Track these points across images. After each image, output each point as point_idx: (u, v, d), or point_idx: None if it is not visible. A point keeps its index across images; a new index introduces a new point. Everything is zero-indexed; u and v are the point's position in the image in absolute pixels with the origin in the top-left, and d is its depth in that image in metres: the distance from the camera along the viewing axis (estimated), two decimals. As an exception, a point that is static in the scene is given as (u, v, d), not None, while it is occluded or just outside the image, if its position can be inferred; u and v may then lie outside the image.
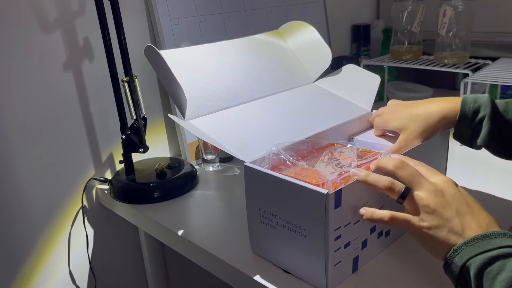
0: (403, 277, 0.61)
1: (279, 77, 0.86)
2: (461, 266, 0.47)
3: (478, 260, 0.45)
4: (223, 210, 0.84)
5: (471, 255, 0.46)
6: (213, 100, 0.75)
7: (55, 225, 0.91)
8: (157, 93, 1.04)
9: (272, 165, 0.64)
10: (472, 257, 0.46)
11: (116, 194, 0.90)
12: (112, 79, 0.84)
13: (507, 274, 0.43)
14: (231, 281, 0.68)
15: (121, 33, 0.83)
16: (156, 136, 1.05)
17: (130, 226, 1.02)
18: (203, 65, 0.79)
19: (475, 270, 0.45)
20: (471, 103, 0.65)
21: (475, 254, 0.46)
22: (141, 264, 1.07)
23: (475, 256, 0.45)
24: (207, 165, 1.01)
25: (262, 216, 0.63)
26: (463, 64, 1.24)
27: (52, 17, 0.84)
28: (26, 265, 0.88)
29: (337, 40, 1.51)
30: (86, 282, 0.98)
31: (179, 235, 0.75)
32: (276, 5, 1.20)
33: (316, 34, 0.91)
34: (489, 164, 0.94)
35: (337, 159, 0.67)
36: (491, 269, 0.44)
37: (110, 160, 0.97)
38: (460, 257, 0.47)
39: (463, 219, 0.49)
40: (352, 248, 0.60)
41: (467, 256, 0.46)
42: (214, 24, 1.06)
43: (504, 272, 0.43)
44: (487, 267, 0.45)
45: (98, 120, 0.94)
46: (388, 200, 0.64)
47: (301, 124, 0.75)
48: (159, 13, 0.96)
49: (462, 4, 1.19)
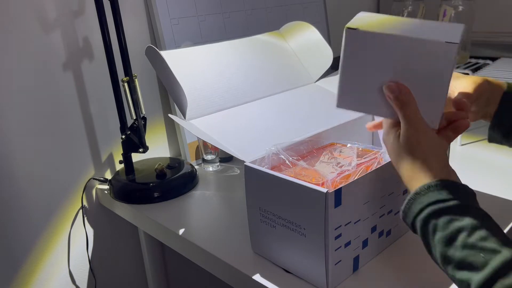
0: (403, 277, 0.61)
1: (280, 77, 0.86)
2: (411, 225, 0.50)
3: (418, 221, 0.47)
4: (223, 210, 0.84)
5: (413, 217, 0.48)
6: (214, 100, 0.75)
7: (55, 225, 0.91)
8: (157, 93, 1.04)
9: (272, 165, 0.64)
10: (414, 219, 0.48)
11: (116, 194, 0.90)
12: (112, 79, 0.84)
13: (440, 234, 0.45)
14: (231, 281, 0.68)
15: (121, 33, 0.83)
16: (156, 136, 1.05)
17: (130, 226, 1.02)
18: (204, 65, 0.79)
19: (419, 230, 0.48)
20: None
21: (415, 215, 0.48)
22: (141, 264, 1.07)
23: (416, 218, 0.48)
24: (207, 165, 1.01)
25: (262, 216, 0.63)
26: (463, 64, 1.24)
27: (52, 17, 0.84)
28: (26, 265, 0.88)
29: (337, 40, 1.51)
30: (86, 282, 0.98)
31: (179, 235, 0.75)
32: (276, 5, 1.20)
33: (317, 35, 0.91)
34: (489, 164, 0.94)
35: (337, 159, 0.67)
36: (428, 230, 0.46)
37: (110, 160, 0.97)
38: (408, 219, 0.50)
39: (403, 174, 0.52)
40: (353, 247, 0.60)
41: (411, 217, 0.49)
42: (214, 24, 1.06)
43: (438, 232, 0.45)
44: (425, 227, 0.47)
45: (98, 120, 0.94)
46: (389, 199, 0.64)
47: (301, 124, 0.75)
48: (159, 13, 0.96)
49: (462, 4, 1.19)
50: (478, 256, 0.42)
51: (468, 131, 1.07)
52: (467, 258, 0.42)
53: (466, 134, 1.15)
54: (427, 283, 0.60)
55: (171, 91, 0.74)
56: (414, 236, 0.70)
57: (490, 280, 0.40)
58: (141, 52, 0.80)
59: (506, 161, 0.94)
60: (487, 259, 0.41)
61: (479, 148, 0.99)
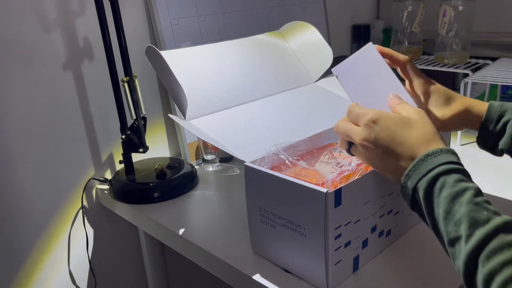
0: (403, 277, 0.61)
1: (281, 77, 0.86)
2: (412, 189, 0.49)
3: (424, 182, 0.47)
4: (223, 210, 0.84)
5: (418, 178, 0.48)
6: (214, 100, 0.75)
7: (55, 225, 0.91)
8: (157, 93, 1.04)
9: (272, 165, 0.64)
10: (419, 180, 0.47)
11: (116, 194, 0.90)
12: (112, 79, 0.84)
13: (448, 190, 0.45)
14: (231, 281, 0.68)
15: (121, 33, 0.83)
16: (156, 136, 1.05)
17: (130, 226, 1.02)
18: (204, 65, 0.79)
19: (422, 192, 0.47)
20: (498, 106, 0.64)
21: (421, 177, 0.47)
22: (141, 264, 1.07)
23: (422, 179, 0.47)
24: (207, 165, 1.01)
25: (262, 216, 0.63)
26: (463, 64, 1.24)
27: (52, 17, 0.84)
28: (26, 265, 0.88)
29: (337, 40, 1.51)
30: (86, 282, 0.98)
31: (179, 235, 0.75)
32: (276, 5, 1.20)
33: (317, 35, 0.91)
34: (489, 164, 0.94)
35: (337, 159, 0.67)
36: (433, 189, 0.46)
37: (110, 160, 0.97)
38: (411, 182, 0.49)
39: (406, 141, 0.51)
40: (353, 247, 0.60)
41: (415, 179, 0.48)
42: (214, 24, 1.06)
43: (445, 189, 0.45)
44: (432, 187, 0.46)
45: (98, 120, 0.94)
46: (389, 199, 0.64)
47: (301, 124, 0.75)
48: (159, 13, 0.96)
49: (462, 4, 1.19)
50: (482, 213, 0.43)
51: (468, 131, 1.07)
52: (470, 213, 0.43)
53: (466, 134, 1.15)
54: (427, 283, 0.60)
55: (171, 91, 0.74)
56: (414, 236, 0.70)
57: (491, 234, 0.41)
58: (141, 52, 0.80)
59: (506, 161, 0.94)
60: (490, 216, 0.42)
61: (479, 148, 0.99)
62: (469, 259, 0.41)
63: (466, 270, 0.42)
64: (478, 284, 0.41)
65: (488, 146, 0.65)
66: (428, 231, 0.70)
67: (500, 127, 0.62)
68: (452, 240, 0.44)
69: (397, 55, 0.64)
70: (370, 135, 0.52)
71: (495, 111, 0.63)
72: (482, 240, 0.41)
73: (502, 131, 0.63)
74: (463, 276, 0.42)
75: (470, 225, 0.42)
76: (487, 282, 0.39)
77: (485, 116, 0.63)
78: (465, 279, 0.42)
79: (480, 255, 0.41)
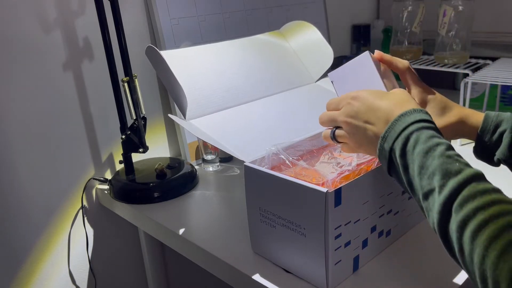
0: (403, 277, 0.61)
1: (281, 77, 0.86)
2: (389, 151, 0.50)
3: (399, 140, 0.49)
4: (223, 210, 0.84)
5: (394, 138, 0.49)
6: (214, 100, 0.75)
7: (55, 225, 0.91)
8: (157, 93, 1.04)
9: (272, 165, 0.64)
10: (395, 140, 0.49)
11: (116, 194, 0.90)
12: (112, 79, 0.84)
13: (421, 146, 0.46)
14: (231, 281, 0.68)
15: (121, 33, 0.83)
16: (156, 136, 1.05)
17: (130, 226, 1.02)
18: (204, 65, 0.79)
19: (399, 151, 0.48)
20: (494, 116, 0.64)
21: (396, 136, 0.49)
22: (141, 264, 1.07)
23: (397, 138, 0.49)
24: (207, 165, 1.01)
25: (262, 216, 0.63)
26: (463, 64, 1.24)
27: (52, 17, 0.84)
28: (26, 265, 0.88)
29: (337, 40, 1.51)
30: (86, 282, 0.98)
31: (179, 235, 0.75)
32: (276, 5, 1.20)
33: (318, 34, 0.91)
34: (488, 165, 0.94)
35: (337, 159, 0.67)
36: (407, 147, 0.48)
37: (110, 160, 0.97)
38: (387, 143, 0.50)
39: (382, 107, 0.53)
40: (353, 247, 0.60)
41: (391, 140, 0.50)
42: (214, 24, 1.06)
43: (418, 145, 0.47)
44: (406, 144, 0.48)
45: (98, 120, 0.94)
46: (388, 199, 0.64)
47: (301, 124, 0.75)
48: (159, 13, 0.96)
49: (462, 4, 1.19)
50: (454, 164, 0.44)
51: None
52: (443, 165, 0.44)
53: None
54: (426, 283, 0.60)
55: (171, 91, 0.74)
56: (414, 236, 0.70)
57: (464, 183, 0.42)
58: (141, 52, 0.80)
59: (506, 161, 0.94)
60: (462, 168, 0.44)
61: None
62: (442, 208, 0.42)
63: (440, 219, 0.43)
64: (452, 232, 0.42)
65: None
66: (428, 231, 0.71)
67: (496, 138, 0.63)
68: (426, 194, 0.45)
69: (396, 62, 0.64)
70: (352, 109, 0.56)
71: (491, 122, 0.63)
72: (454, 189, 0.42)
73: (498, 141, 0.63)
74: (437, 226, 0.43)
75: (443, 176, 0.43)
76: (460, 228, 0.40)
77: (481, 126, 0.63)
78: (439, 230, 0.43)
79: (454, 203, 0.42)
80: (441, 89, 1.48)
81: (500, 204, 0.40)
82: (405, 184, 0.49)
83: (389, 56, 0.64)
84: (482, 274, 0.38)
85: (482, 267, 0.38)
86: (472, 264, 0.39)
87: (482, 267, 0.38)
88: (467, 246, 0.39)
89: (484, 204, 0.40)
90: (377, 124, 0.53)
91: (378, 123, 0.53)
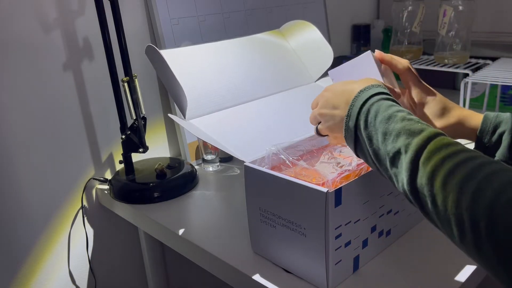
0: (403, 277, 0.61)
1: (281, 77, 0.86)
2: (354, 128, 0.51)
3: (362, 115, 0.50)
4: (223, 210, 0.84)
5: (356, 113, 0.51)
6: (214, 100, 0.75)
7: (55, 225, 0.91)
8: (157, 93, 1.04)
9: (272, 165, 0.64)
10: (357, 115, 0.51)
11: (116, 194, 0.89)
12: (112, 79, 0.84)
13: (382, 114, 0.48)
14: (232, 281, 0.68)
15: (121, 33, 0.83)
16: (156, 136, 1.05)
17: (130, 226, 1.02)
18: (204, 64, 0.79)
19: (363, 124, 0.50)
20: (493, 118, 0.64)
21: (358, 111, 0.51)
22: (141, 264, 1.07)
23: (359, 113, 0.51)
24: (207, 165, 1.01)
25: (263, 216, 0.63)
26: (463, 64, 1.24)
27: (52, 17, 0.84)
28: (26, 265, 0.88)
29: (337, 40, 1.51)
30: (86, 282, 0.98)
31: (179, 235, 0.75)
32: (276, 5, 1.20)
33: (318, 34, 0.91)
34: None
35: (337, 159, 0.67)
36: (370, 116, 0.49)
37: (110, 160, 0.97)
38: (352, 121, 0.52)
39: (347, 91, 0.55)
40: (353, 247, 0.60)
41: (354, 116, 0.51)
42: (214, 24, 1.06)
43: (380, 114, 0.48)
44: (367, 118, 0.50)
45: (98, 120, 0.94)
46: (388, 199, 0.64)
47: (302, 124, 0.75)
48: (159, 13, 0.96)
49: (462, 4, 1.19)
50: (417, 124, 0.45)
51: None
52: (406, 127, 0.46)
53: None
54: (427, 283, 0.60)
55: (171, 91, 0.74)
56: (414, 236, 0.70)
57: (428, 139, 0.43)
58: (141, 52, 0.80)
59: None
60: (424, 127, 0.45)
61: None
62: (410, 165, 0.43)
63: (409, 177, 0.43)
64: (422, 187, 0.42)
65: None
66: (428, 231, 0.71)
67: (496, 139, 0.62)
68: (393, 158, 0.46)
69: (396, 62, 0.64)
70: (323, 99, 0.59)
71: (490, 123, 0.63)
72: (420, 146, 0.43)
73: (498, 142, 0.62)
74: (407, 185, 0.44)
75: (407, 136, 0.45)
76: (430, 180, 0.41)
77: (480, 128, 0.63)
78: (410, 188, 0.43)
79: (421, 158, 0.42)
80: (441, 89, 1.48)
81: (465, 152, 0.41)
82: (371, 158, 0.50)
83: (389, 56, 0.64)
84: (458, 218, 0.38)
85: (457, 211, 0.38)
86: (446, 212, 0.39)
87: (457, 211, 0.38)
88: (440, 195, 0.40)
89: (451, 153, 0.41)
90: (341, 107, 0.55)
91: (343, 106, 0.55)
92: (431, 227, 0.70)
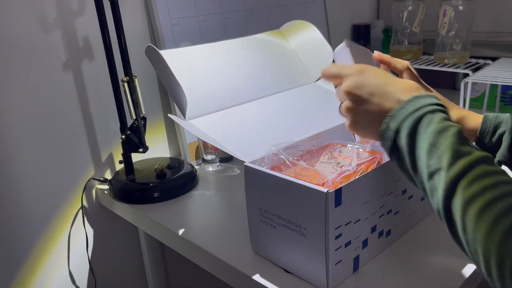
0: (403, 277, 0.61)
1: (281, 77, 0.86)
2: (395, 130, 0.48)
3: (410, 119, 0.47)
4: (223, 210, 0.84)
5: (404, 116, 0.48)
6: (214, 100, 0.75)
7: (55, 225, 0.91)
8: (157, 93, 1.04)
9: (272, 165, 0.64)
10: (405, 118, 0.48)
11: (116, 194, 0.89)
12: (112, 79, 0.84)
13: (434, 126, 0.46)
14: (232, 281, 0.68)
15: (121, 33, 0.83)
16: (156, 136, 1.05)
17: (130, 226, 1.02)
18: (204, 64, 0.79)
19: (407, 130, 0.47)
20: (492, 118, 0.64)
21: (407, 115, 0.48)
22: (141, 264, 1.07)
23: (408, 117, 0.48)
24: (207, 165, 1.01)
25: (263, 216, 0.63)
26: (463, 64, 1.24)
27: (52, 17, 0.84)
28: (26, 265, 0.88)
29: (337, 40, 1.50)
30: (86, 282, 0.98)
31: (179, 235, 0.75)
32: (276, 5, 1.20)
33: (317, 34, 0.91)
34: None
35: (337, 159, 0.67)
36: (420, 126, 0.47)
37: (110, 160, 0.97)
38: (394, 122, 0.49)
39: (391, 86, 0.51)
40: (353, 247, 0.60)
41: (400, 118, 0.48)
42: (214, 24, 1.06)
43: (432, 125, 0.46)
44: (417, 124, 0.47)
45: (98, 120, 0.94)
46: (388, 199, 0.64)
47: (301, 124, 0.75)
48: (159, 13, 0.96)
49: (462, 4, 1.19)
50: (466, 146, 0.44)
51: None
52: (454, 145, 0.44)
53: (466, 134, 1.15)
54: (427, 283, 0.60)
55: (170, 91, 0.74)
56: (414, 236, 0.70)
57: (474, 163, 0.42)
58: (141, 52, 0.80)
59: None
60: (473, 150, 0.43)
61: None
62: (450, 185, 0.42)
63: (445, 197, 0.42)
64: (455, 210, 0.41)
65: None
66: (428, 231, 0.71)
67: (496, 139, 0.63)
68: (432, 173, 0.44)
69: (395, 62, 0.64)
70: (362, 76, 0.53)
71: (490, 123, 0.63)
72: (464, 168, 0.42)
73: (498, 143, 0.63)
74: (442, 204, 0.43)
75: (453, 154, 0.43)
76: (466, 205, 0.40)
77: (480, 128, 0.63)
78: (444, 208, 0.43)
79: (461, 181, 0.41)
80: (441, 89, 1.48)
81: (508, 185, 0.40)
82: (407, 166, 0.48)
83: (388, 57, 0.64)
84: (485, 251, 0.38)
85: (486, 244, 0.38)
86: (475, 242, 0.39)
87: (486, 244, 0.38)
88: (471, 224, 0.39)
89: (494, 183, 0.40)
90: (386, 98, 0.51)
91: (388, 99, 0.51)
92: (431, 227, 0.70)
